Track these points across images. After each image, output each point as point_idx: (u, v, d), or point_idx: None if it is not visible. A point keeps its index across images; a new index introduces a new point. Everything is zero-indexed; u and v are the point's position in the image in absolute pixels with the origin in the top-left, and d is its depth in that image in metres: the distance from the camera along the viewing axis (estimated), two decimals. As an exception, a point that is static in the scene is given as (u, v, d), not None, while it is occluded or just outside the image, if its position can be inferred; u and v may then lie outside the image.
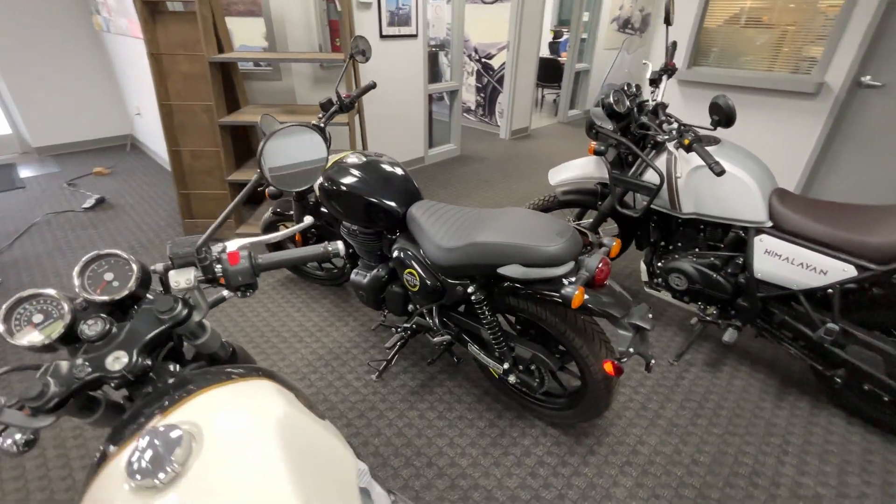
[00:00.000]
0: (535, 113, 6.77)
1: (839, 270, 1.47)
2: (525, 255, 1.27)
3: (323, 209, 2.06)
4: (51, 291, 0.71)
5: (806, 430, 1.72)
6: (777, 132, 3.61)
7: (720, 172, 1.46)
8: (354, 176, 1.66)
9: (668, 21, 1.86)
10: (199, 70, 2.71)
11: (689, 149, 1.57)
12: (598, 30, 6.16)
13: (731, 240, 1.78)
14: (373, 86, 2.03)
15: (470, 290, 1.48)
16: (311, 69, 3.30)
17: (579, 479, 1.54)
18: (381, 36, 3.62)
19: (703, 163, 1.67)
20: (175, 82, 2.72)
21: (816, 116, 3.41)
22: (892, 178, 3.26)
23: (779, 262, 1.61)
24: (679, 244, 1.93)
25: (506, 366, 1.55)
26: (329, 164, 1.73)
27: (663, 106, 1.84)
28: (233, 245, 0.80)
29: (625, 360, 1.24)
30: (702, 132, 2.09)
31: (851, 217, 1.50)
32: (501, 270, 1.31)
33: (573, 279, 1.24)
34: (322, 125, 1.89)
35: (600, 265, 1.22)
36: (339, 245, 0.84)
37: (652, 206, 1.90)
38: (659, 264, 1.98)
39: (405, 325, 1.83)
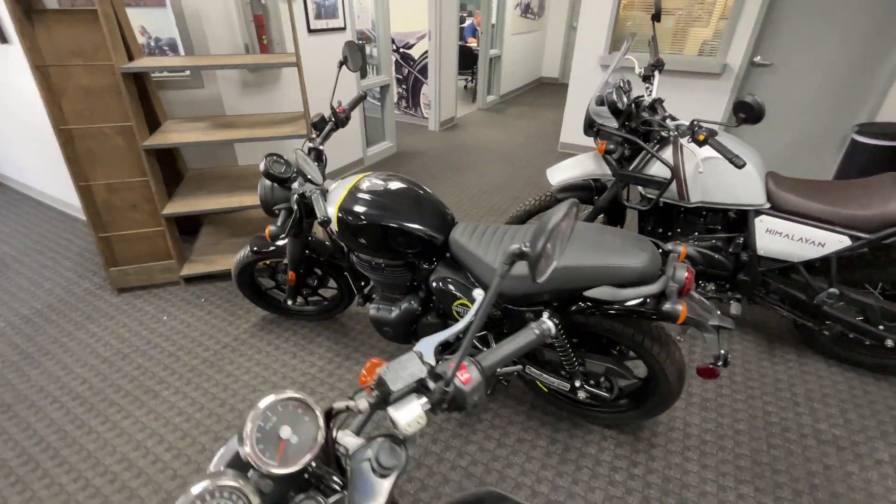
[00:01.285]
0: (452, 101, 6.74)
1: (836, 241, 1.68)
2: (616, 276, 1.23)
3: (323, 244, 1.82)
4: (230, 482, 0.49)
5: (802, 379, 1.97)
6: (690, 110, 4.02)
7: (742, 165, 1.55)
8: (381, 205, 1.46)
9: (656, 17, 1.92)
10: (104, 83, 2.17)
11: (703, 143, 1.64)
12: (506, 15, 6.26)
13: (729, 222, 1.93)
14: (364, 96, 1.80)
15: (544, 316, 1.40)
16: (238, 73, 2.85)
17: (654, 476, 1.58)
18: (310, 30, 3.25)
19: (708, 155, 1.77)
20: (73, 100, 2.14)
21: (722, 94, 3.87)
22: (781, 147, 3.84)
23: (780, 239, 1.78)
24: (679, 230, 2.05)
25: (577, 383, 1.51)
26: (345, 192, 1.50)
27: (660, 101, 1.91)
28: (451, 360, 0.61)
29: (720, 363, 1.28)
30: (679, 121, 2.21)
31: (840, 193, 1.71)
32: (591, 294, 1.26)
33: (652, 290, 1.23)
34: (319, 146, 1.63)
35: (687, 275, 1.23)
36: (551, 325, 0.71)
37: (647, 193, 1.98)
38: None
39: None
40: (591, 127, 2.02)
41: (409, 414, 0.56)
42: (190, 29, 2.56)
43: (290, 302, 2.04)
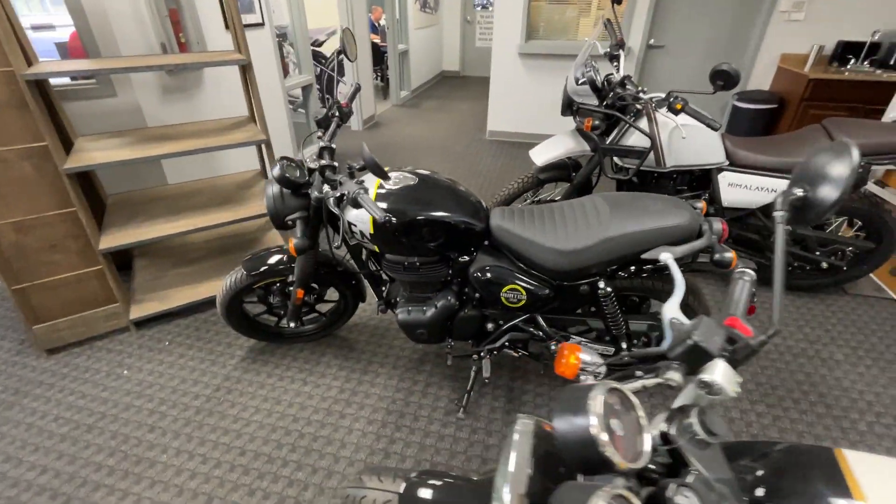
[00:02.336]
0: (364, 99, 6.54)
1: (783, 186, 1.98)
2: (669, 236, 1.32)
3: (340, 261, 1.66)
4: None
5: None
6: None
7: (717, 128, 1.76)
8: (420, 199, 1.38)
9: (617, 1, 2.07)
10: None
11: (680, 111, 1.83)
12: (408, 10, 6.24)
13: (695, 182, 2.18)
14: (359, 88, 1.67)
15: (601, 285, 1.45)
16: (156, 78, 2.45)
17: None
18: (227, 27, 2.90)
19: (684, 122, 1.97)
20: (-47, 121, 1.66)
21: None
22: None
23: (740, 190, 2.06)
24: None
25: (624, 345, 1.59)
26: (372, 192, 1.39)
27: (628, 77, 2.07)
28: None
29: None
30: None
31: (782, 145, 2.02)
32: (650, 255, 1.33)
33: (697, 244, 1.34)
34: (332, 145, 1.48)
35: (723, 226, 1.36)
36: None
37: (624, 163, 2.15)
38: None
39: (488, 346, 1.67)
40: (569, 107, 2.12)
41: (728, 375, 0.55)
42: (93, 27, 2.13)
43: (292, 324, 1.83)
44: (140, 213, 2.19)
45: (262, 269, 1.67)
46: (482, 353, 1.69)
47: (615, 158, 2.18)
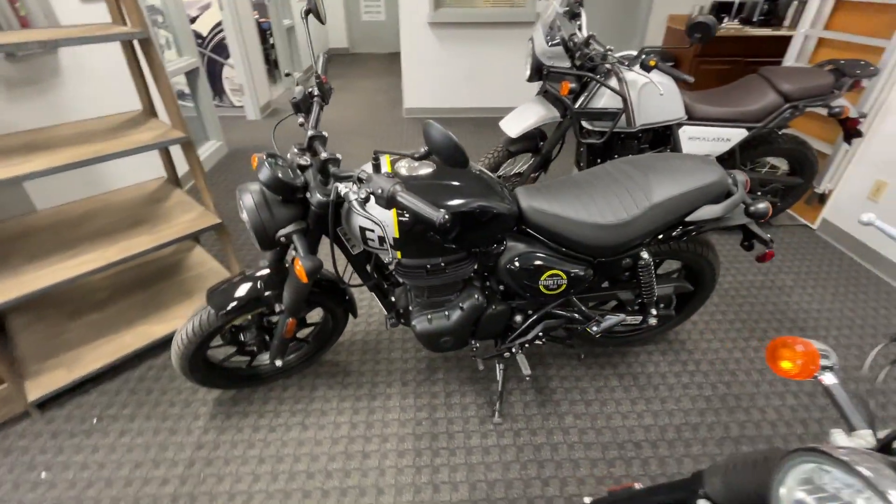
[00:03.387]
0: (250, 84, 5.74)
1: (738, 135, 2.11)
2: (709, 194, 1.28)
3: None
4: None
5: (721, 247, 2.49)
6: (508, 58, 4.37)
7: (692, 81, 1.77)
8: (457, 189, 1.16)
9: (574, -45, 1.95)
10: None
11: (653, 68, 1.81)
12: (287, -21, 5.54)
13: (656, 139, 2.22)
14: (328, 57, 1.33)
15: (644, 255, 1.37)
16: (-9, 65, 1.77)
17: (687, 353, 1.80)
18: (81, -4, 2.22)
19: (648, 80, 1.96)
20: None
21: (537, 40, 4.34)
22: None
23: (699, 142, 2.15)
24: (616, 157, 2.26)
25: (654, 311, 1.56)
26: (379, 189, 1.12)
27: (593, 37, 1.99)
28: None
29: (772, 244, 1.47)
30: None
31: (730, 95, 2.14)
32: (696, 216, 1.28)
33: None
34: (322, 132, 1.16)
35: (746, 179, 1.36)
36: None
37: (595, 127, 2.11)
38: None
39: (520, 340, 1.52)
40: (538, 72, 1.99)
41: None
42: None
43: (278, 362, 1.48)
44: (12, 255, 1.59)
45: (235, 304, 1.30)
46: (513, 350, 1.54)
47: (584, 123, 2.12)
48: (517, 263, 1.32)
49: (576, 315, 1.49)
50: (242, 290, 1.32)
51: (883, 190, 2.31)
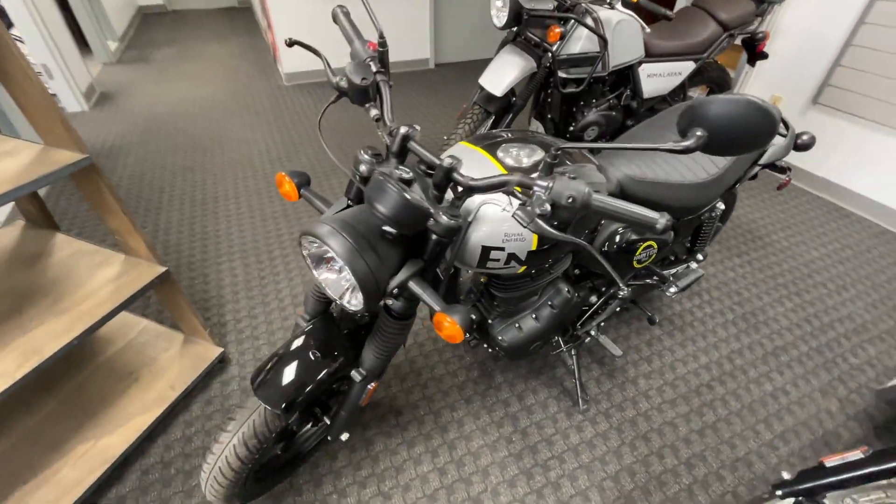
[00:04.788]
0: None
1: (687, 67, 2.19)
2: (774, 126, 1.26)
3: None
4: None
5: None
6: (400, 10, 3.94)
7: (671, 18, 1.74)
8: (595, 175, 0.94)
9: None
10: None
11: (636, 5, 1.73)
12: None
13: (615, 81, 2.19)
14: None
15: (720, 205, 1.32)
16: None
17: (690, 329, 1.92)
18: None
19: (623, 17, 1.87)
20: None
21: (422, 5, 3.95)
22: (483, 16, 4.36)
23: (656, 79, 2.18)
24: (582, 103, 2.18)
25: (700, 256, 1.56)
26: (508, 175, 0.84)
27: (564, -25, 1.80)
28: None
29: (790, 173, 1.55)
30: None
31: (676, 28, 2.17)
32: (773, 158, 1.27)
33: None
34: (414, 126, 0.79)
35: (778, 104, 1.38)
36: None
37: (572, 75, 1.99)
38: (571, 128, 2.21)
39: (598, 320, 1.40)
40: (516, 18, 1.75)
41: None
42: None
43: (345, 435, 1.13)
44: None
45: (312, 386, 0.90)
46: (593, 333, 1.42)
47: (560, 72, 1.97)
48: (615, 241, 1.16)
49: (649, 281, 1.42)
50: (311, 366, 0.92)
51: (778, 103, 2.68)
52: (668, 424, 1.43)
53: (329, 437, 1.10)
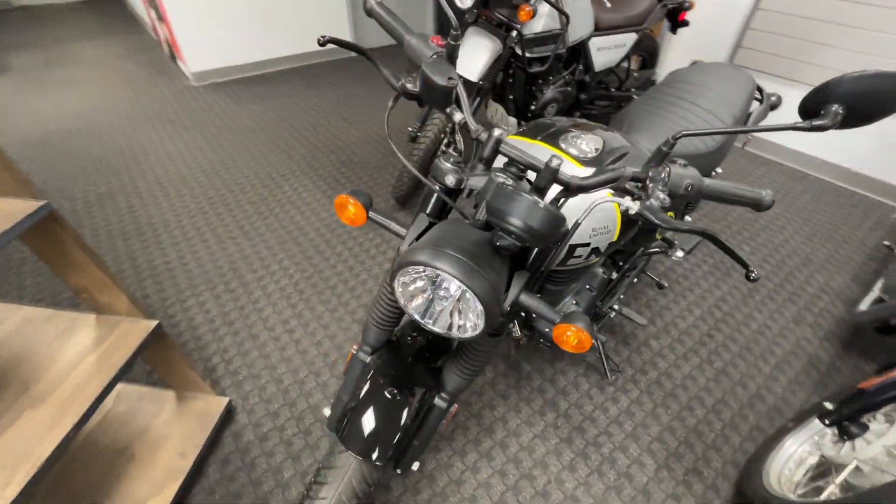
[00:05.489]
0: None
1: (631, 38, 2.29)
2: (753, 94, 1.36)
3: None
4: None
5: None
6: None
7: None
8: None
9: None
10: None
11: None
12: None
13: (568, 58, 2.23)
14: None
15: (719, 170, 1.40)
16: None
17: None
18: None
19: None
20: None
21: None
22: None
23: (605, 52, 2.25)
24: (541, 82, 2.19)
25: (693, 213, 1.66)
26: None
27: (518, -51, 1.74)
28: None
29: None
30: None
31: (616, 1, 2.25)
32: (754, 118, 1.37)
33: None
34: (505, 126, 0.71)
35: None
36: None
37: (535, 53, 1.98)
38: (532, 107, 2.22)
39: (620, 294, 1.44)
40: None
41: None
42: None
43: (416, 465, 1.05)
44: None
45: (406, 420, 0.81)
46: (616, 307, 1.46)
47: (526, 52, 1.94)
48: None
49: (657, 249, 1.48)
50: (401, 406, 0.82)
51: (698, 67, 2.91)
52: (689, 378, 1.54)
53: (399, 471, 1.01)
